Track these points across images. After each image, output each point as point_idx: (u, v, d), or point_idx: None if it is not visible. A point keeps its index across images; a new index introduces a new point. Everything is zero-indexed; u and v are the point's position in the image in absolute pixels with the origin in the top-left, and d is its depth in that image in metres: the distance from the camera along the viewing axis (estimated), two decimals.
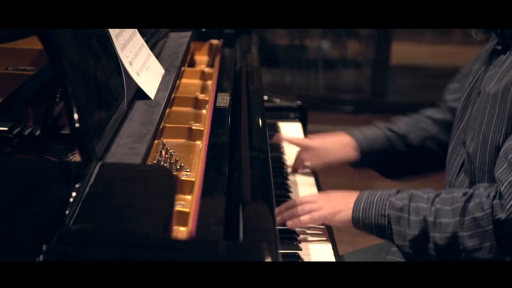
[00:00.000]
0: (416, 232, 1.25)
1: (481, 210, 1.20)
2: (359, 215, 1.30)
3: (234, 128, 1.26)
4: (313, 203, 1.34)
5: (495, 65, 1.35)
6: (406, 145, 1.61)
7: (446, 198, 1.26)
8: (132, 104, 1.20)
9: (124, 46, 1.24)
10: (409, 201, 1.27)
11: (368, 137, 1.62)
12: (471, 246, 1.21)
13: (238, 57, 1.81)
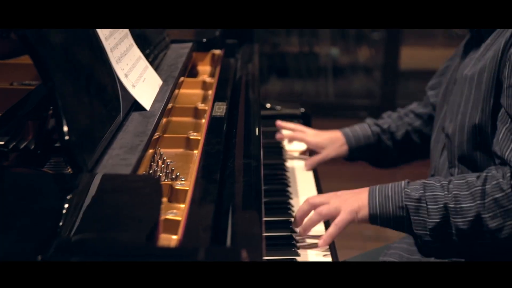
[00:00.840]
0: (437, 219, 1.27)
1: (501, 191, 1.24)
2: (377, 210, 1.31)
3: (229, 136, 1.28)
4: (330, 206, 1.31)
5: (470, 54, 1.43)
6: (391, 139, 1.76)
7: (460, 183, 1.29)
8: (128, 115, 1.23)
9: (120, 59, 1.27)
10: (424, 191, 1.30)
11: (355, 133, 1.76)
12: (494, 226, 1.24)
13: (239, 66, 1.83)
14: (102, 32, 1.23)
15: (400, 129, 1.75)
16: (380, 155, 1.78)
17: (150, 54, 1.55)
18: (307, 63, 4.44)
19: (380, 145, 1.76)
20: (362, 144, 1.75)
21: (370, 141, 1.75)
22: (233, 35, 2.08)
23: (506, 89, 1.28)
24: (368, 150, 1.76)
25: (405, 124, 1.75)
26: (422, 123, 1.73)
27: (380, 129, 1.76)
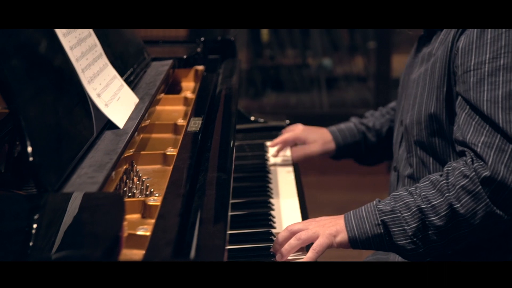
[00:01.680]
0: (415, 224, 1.29)
1: (465, 177, 1.27)
2: (355, 233, 1.32)
3: (203, 151, 1.30)
4: (308, 231, 1.33)
5: (422, 49, 1.50)
6: (376, 136, 1.83)
7: (426, 184, 1.32)
8: (101, 134, 1.25)
9: (92, 79, 1.29)
10: (395, 202, 1.32)
11: (342, 132, 1.83)
12: (467, 213, 1.27)
13: (220, 81, 1.85)
14: (73, 53, 1.25)
15: (384, 126, 1.82)
16: (365, 152, 1.84)
17: (133, 73, 1.58)
18: (300, 75, 4.47)
19: (366, 142, 1.82)
20: (348, 142, 1.82)
21: (356, 139, 1.82)
22: (216, 51, 2.11)
23: (460, 76, 1.33)
24: (354, 147, 1.83)
25: (388, 121, 1.82)
26: None
27: (365, 127, 1.83)
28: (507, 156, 1.25)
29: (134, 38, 1.77)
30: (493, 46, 1.29)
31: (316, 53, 4.41)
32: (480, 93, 1.29)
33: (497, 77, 1.28)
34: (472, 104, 1.30)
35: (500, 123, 1.26)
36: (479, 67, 1.30)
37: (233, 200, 1.58)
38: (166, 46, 2.13)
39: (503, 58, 1.28)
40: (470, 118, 1.31)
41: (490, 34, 1.30)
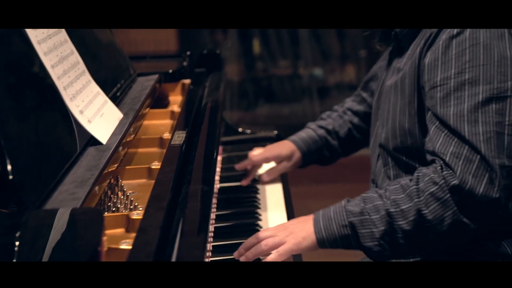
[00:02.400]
0: (382, 227, 1.31)
1: (434, 184, 1.29)
2: (322, 234, 1.35)
3: (187, 163, 1.31)
4: (274, 237, 1.35)
5: (393, 62, 1.53)
6: (337, 138, 1.87)
7: (396, 188, 1.34)
8: (85, 150, 1.26)
9: (75, 96, 1.30)
10: (364, 204, 1.34)
11: (305, 140, 1.85)
12: (435, 219, 1.28)
13: (206, 94, 1.87)
14: (54, 71, 1.26)
15: (342, 128, 1.85)
16: (326, 155, 1.87)
17: (120, 89, 1.60)
18: (292, 85, 4.49)
19: (328, 146, 1.86)
20: (312, 149, 1.84)
21: (318, 145, 1.85)
22: (202, 64, 2.13)
23: (428, 91, 1.36)
24: (318, 153, 1.85)
25: (346, 122, 1.86)
26: (359, 119, 1.86)
27: (325, 131, 1.86)
28: (475, 166, 1.26)
29: (119, 54, 1.79)
30: (457, 61, 1.31)
31: (307, 63, 4.44)
32: (447, 107, 1.31)
33: (463, 92, 1.30)
34: (440, 118, 1.32)
35: (466, 136, 1.28)
36: (445, 82, 1.32)
37: (221, 211, 1.60)
38: (153, 61, 2.14)
39: (467, 73, 1.30)
40: (439, 130, 1.33)
41: (455, 50, 1.31)
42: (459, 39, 1.31)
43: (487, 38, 1.30)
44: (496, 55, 1.30)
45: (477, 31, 1.31)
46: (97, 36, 1.68)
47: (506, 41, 1.31)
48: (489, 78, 1.29)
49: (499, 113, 1.28)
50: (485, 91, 1.29)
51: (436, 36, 1.36)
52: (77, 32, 1.50)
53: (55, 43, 1.32)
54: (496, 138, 1.28)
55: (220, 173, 1.86)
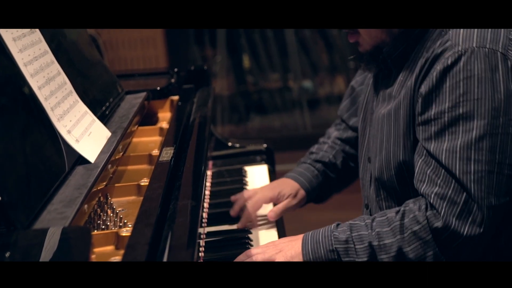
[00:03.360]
0: (365, 258, 1.33)
1: (418, 223, 1.30)
2: (310, 256, 1.37)
3: (174, 179, 1.33)
4: (264, 254, 1.38)
5: (381, 87, 1.50)
6: (335, 170, 1.79)
7: (382, 220, 1.35)
8: (73, 169, 1.27)
9: (62, 116, 1.32)
10: (350, 232, 1.36)
11: (306, 176, 1.74)
12: (416, 258, 1.30)
13: (194, 109, 1.89)
14: (41, 92, 1.28)
15: (338, 158, 1.78)
16: (326, 190, 1.79)
17: (108, 107, 1.61)
18: (283, 98, 4.52)
19: (327, 180, 1.77)
20: (314, 186, 1.74)
21: (319, 180, 1.75)
22: (190, 80, 2.15)
23: (421, 124, 1.34)
24: (318, 189, 1.76)
25: (339, 152, 1.79)
26: (350, 147, 1.79)
27: (323, 165, 1.77)
28: (459, 208, 1.27)
29: (107, 73, 1.80)
30: (451, 94, 1.29)
31: (297, 76, 4.47)
32: (441, 143, 1.29)
33: (457, 127, 1.28)
34: (431, 153, 1.31)
35: (457, 174, 1.27)
36: (439, 116, 1.30)
37: (211, 227, 1.62)
38: (141, 79, 2.16)
39: (461, 107, 1.28)
40: (426, 166, 1.32)
41: (449, 82, 1.29)
42: (454, 71, 1.29)
43: (481, 70, 1.27)
44: (490, 89, 1.27)
45: (471, 62, 1.28)
46: (85, 56, 1.70)
47: (500, 73, 1.28)
48: (483, 113, 1.27)
49: (491, 151, 1.27)
50: (478, 127, 1.27)
51: (431, 66, 1.33)
52: (64, 52, 1.52)
53: (41, 64, 1.33)
54: (487, 177, 1.26)
55: (210, 187, 1.87)
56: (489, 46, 1.29)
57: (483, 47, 1.29)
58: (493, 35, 1.31)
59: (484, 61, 1.28)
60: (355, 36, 1.46)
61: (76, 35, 1.71)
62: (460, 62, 1.28)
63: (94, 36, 3.40)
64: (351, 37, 1.47)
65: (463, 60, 1.28)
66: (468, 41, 1.30)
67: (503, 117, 1.28)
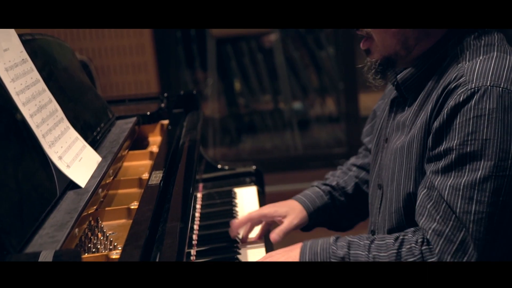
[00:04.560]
0: None
1: (413, 256, 1.31)
2: None
3: (162, 202, 1.36)
4: None
5: (396, 114, 1.49)
6: (344, 194, 1.75)
7: (380, 244, 1.35)
8: (64, 194, 1.31)
9: (53, 143, 1.36)
10: (348, 249, 1.37)
11: (309, 197, 1.73)
12: None
13: (183, 133, 1.93)
14: (33, 120, 1.32)
15: (348, 183, 1.75)
16: (336, 215, 1.75)
17: (99, 133, 1.65)
18: (274, 120, 4.58)
19: (335, 204, 1.74)
20: (318, 206, 1.71)
21: (324, 201, 1.72)
22: (180, 105, 2.19)
23: (429, 158, 1.34)
24: (324, 212, 1.73)
25: (352, 178, 1.76)
26: (366, 173, 1.75)
27: (330, 187, 1.75)
28: (455, 247, 1.26)
29: (97, 99, 1.85)
30: (461, 132, 1.27)
31: (287, 98, 4.53)
32: (446, 178, 1.29)
33: (464, 165, 1.27)
34: (435, 187, 1.30)
35: (457, 212, 1.26)
36: (448, 152, 1.29)
37: (201, 247, 1.65)
38: (132, 104, 2.20)
39: (469, 146, 1.26)
40: (427, 199, 1.32)
41: (459, 119, 1.28)
42: (465, 108, 1.27)
43: (493, 110, 1.25)
44: (500, 130, 1.25)
45: (483, 101, 1.26)
46: (76, 83, 1.75)
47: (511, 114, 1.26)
48: (491, 154, 1.25)
49: (495, 193, 1.25)
50: (485, 167, 1.25)
51: (444, 102, 1.31)
52: (55, 80, 1.57)
53: (33, 93, 1.38)
54: (487, 219, 1.25)
55: (200, 209, 1.91)
56: (504, 86, 1.27)
57: (497, 86, 1.27)
58: (509, 73, 1.29)
59: (496, 101, 1.26)
60: (368, 43, 1.43)
61: (67, 62, 1.76)
62: (472, 100, 1.26)
63: (86, 62, 3.46)
64: (364, 43, 1.44)
65: (475, 98, 1.26)
66: (483, 78, 1.28)
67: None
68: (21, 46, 1.41)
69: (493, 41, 1.36)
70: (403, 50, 1.40)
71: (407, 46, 1.39)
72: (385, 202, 1.47)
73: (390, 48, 1.40)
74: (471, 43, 1.36)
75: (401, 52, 1.40)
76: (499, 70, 1.29)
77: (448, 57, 1.37)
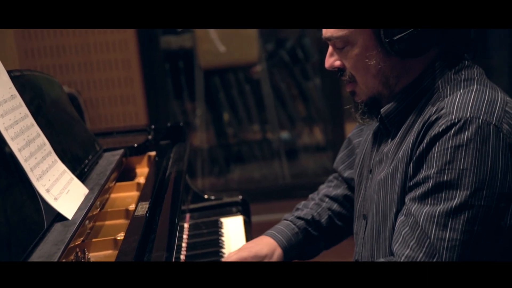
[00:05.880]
0: None
1: None
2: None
3: (148, 233, 1.39)
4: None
5: (380, 146, 1.52)
6: (318, 229, 1.74)
7: None
8: (52, 226, 1.34)
9: (41, 176, 1.39)
10: None
11: (284, 234, 1.70)
12: None
13: (170, 164, 1.96)
14: (21, 154, 1.35)
15: (322, 216, 1.74)
16: (308, 247, 1.74)
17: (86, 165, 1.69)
18: (261, 150, 4.63)
19: (309, 238, 1.73)
20: (293, 243, 1.70)
21: (299, 237, 1.71)
22: (167, 137, 2.23)
23: (409, 186, 1.37)
24: (298, 247, 1.71)
25: (325, 210, 1.75)
26: (339, 205, 1.76)
27: (305, 222, 1.73)
28: None
29: (85, 133, 1.88)
30: (439, 160, 1.30)
31: (275, 128, 4.58)
32: (422, 205, 1.31)
33: (440, 193, 1.30)
34: (412, 213, 1.33)
35: (431, 238, 1.28)
36: (425, 180, 1.32)
37: None
38: (119, 136, 2.24)
39: (446, 174, 1.29)
40: (403, 226, 1.34)
41: (438, 148, 1.31)
42: (444, 138, 1.30)
43: (471, 141, 1.28)
44: (477, 160, 1.28)
45: (462, 131, 1.29)
46: (64, 116, 1.78)
47: (489, 145, 1.28)
48: (467, 184, 1.27)
49: (470, 222, 1.27)
50: (460, 196, 1.28)
51: (425, 133, 1.34)
52: (44, 114, 1.61)
53: (21, 127, 1.41)
54: (461, 247, 1.27)
55: (187, 239, 1.93)
56: (483, 117, 1.30)
57: (477, 117, 1.29)
58: (489, 106, 1.32)
59: (475, 132, 1.28)
60: (352, 85, 1.48)
61: (55, 96, 1.80)
62: (451, 130, 1.30)
63: (75, 95, 3.50)
64: (349, 85, 1.48)
65: (454, 128, 1.29)
66: (463, 110, 1.31)
67: (487, 189, 1.27)
68: (10, 82, 1.45)
69: (472, 75, 1.40)
70: (385, 89, 1.44)
71: (389, 85, 1.43)
72: (370, 232, 1.49)
73: (373, 89, 1.45)
74: (452, 77, 1.39)
75: (383, 91, 1.45)
76: (479, 102, 1.32)
77: (429, 91, 1.40)
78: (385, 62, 1.40)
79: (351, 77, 1.46)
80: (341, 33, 1.41)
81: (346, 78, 1.47)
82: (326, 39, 1.45)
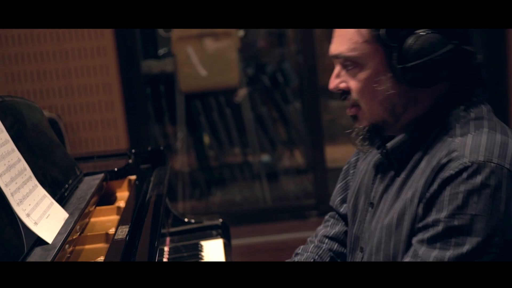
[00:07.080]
0: None
1: None
2: None
3: (128, 257, 1.41)
4: None
5: (383, 180, 1.47)
6: None
7: None
8: (32, 250, 1.35)
9: (22, 201, 1.40)
10: None
11: None
12: None
13: (150, 188, 1.98)
14: (2, 179, 1.37)
15: (324, 258, 1.68)
16: None
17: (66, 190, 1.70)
18: (242, 173, 4.66)
19: None
20: None
21: None
22: (147, 161, 2.25)
23: (418, 228, 1.33)
24: None
25: (326, 252, 1.69)
26: (339, 245, 1.71)
27: None
28: None
29: (65, 157, 1.90)
30: (450, 204, 1.27)
31: (255, 151, 4.62)
32: (431, 249, 1.28)
33: (450, 238, 1.26)
34: (419, 255, 1.30)
35: None
36: (435, 224, 1.29)
37: None
38: (100, 161, 2.25)
39: (457, 219, 1.26)
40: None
41: (450, 191, 1.28)
42: (456, 181, 1.27)
43: (484, 186, 1.25)
44: (490, 206, 1.25)
45: (476, 175, 1.26)
46: (44, 141, 1.80)
47: (503, 191, 1.26)
48: (478, 230, 1.25)
49: None
50: (471, 243, 1.25)
51: (437, 175, 1.31)
52: (24, 139, 1.62)
53: (2, 153, 1.43)
54: None
55: None
56: (496, 161, 1.27)
57: (490, 161, 1.27)
58: (501, 149, 1.29)
59: (489, 177, 1.25)
60: (355, 109, 1.43)
61: (35, 122, 1.81)
62: (464, 174, 1.26)
63: (55, 119, 3.51)
64: (352, 109, 1.43)
65: (468, 172, 1.26)
66: (476, 153, 1.28)
67: (499, 236, 1.25)
68: None
69: (482, 114, 1.37)
70: (391, 117, 1.40)
71: (395, 113, 1.39)
72: None
73: (378, 116, 1.40)
74: (460, 115, 1.36)
75: (389, 119, 1.40)
76: (491, 146, 1.29)
77: (437, 128, 1.37)
78: (394, 89, 1.37)
79: (355, 101, 1.41)
80: (352, 54, 1.37)
81: (350, 101, 1.42)
82: (334, 56, 1.41)
